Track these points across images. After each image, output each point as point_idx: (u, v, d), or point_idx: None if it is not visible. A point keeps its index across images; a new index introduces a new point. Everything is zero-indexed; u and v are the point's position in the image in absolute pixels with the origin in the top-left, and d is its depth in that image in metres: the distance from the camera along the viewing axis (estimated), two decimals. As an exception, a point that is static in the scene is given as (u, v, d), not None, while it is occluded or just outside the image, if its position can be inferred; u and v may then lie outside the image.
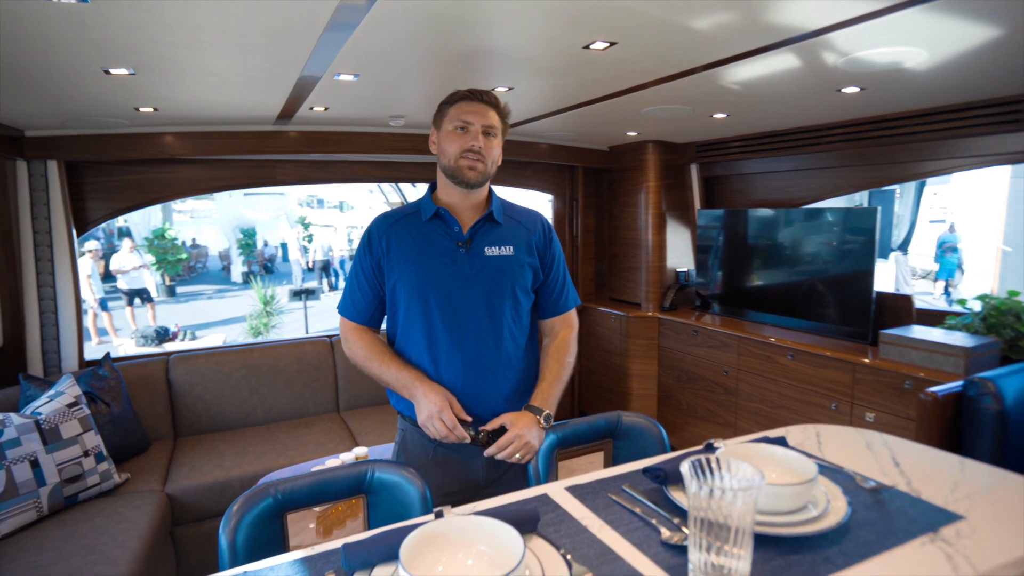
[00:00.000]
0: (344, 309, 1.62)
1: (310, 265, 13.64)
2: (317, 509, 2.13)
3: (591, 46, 1.84)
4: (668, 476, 1.04)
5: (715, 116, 2.98)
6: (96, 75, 1.90)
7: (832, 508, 0.95)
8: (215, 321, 9.44)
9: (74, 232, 2.89)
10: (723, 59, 1.99)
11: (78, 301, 2.90)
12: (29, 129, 2.72)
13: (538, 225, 1.66)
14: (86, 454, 2.28)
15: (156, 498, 2.35)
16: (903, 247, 10.47)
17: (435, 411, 1.44)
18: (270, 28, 1.59)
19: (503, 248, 1.57)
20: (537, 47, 1.87)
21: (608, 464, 1.72)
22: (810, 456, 1.19)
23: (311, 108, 2.71)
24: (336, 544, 0.97)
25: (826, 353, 2.80)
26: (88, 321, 8.30)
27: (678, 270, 4.04)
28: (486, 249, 1.55)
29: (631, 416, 1.70)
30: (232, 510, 1.23)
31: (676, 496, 1.01)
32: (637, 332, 3.93)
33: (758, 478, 0.78)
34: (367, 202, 18.27)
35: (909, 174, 3.06)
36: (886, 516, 0.98)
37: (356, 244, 1.65)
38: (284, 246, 16.28)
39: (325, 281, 13.05)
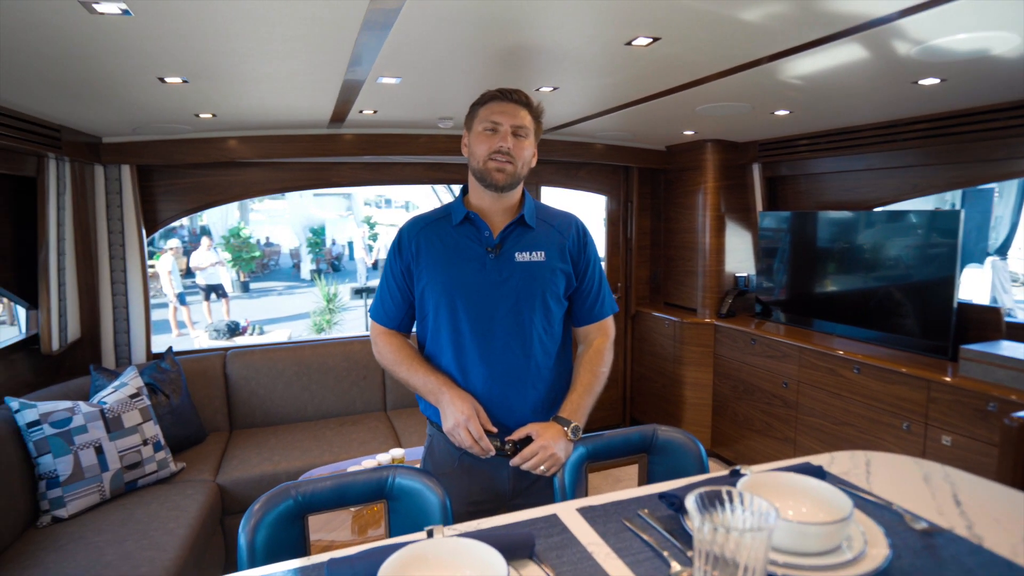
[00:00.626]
0: (375, 313, 1.62)
1: (374, 264, 14.04)
2: (352, 509, 2.15)
3: (633, 42, 1.76)
4: (684, 504, 0.95)
5: (776, 113, 2.80)
6: (153, 83, 2.00)
7: (869, 553, 0.84)
8: (283, 317, 9.89)
9: (143, 232, 3.07)
10: (778, 53, 1.86)
11: (146, 297, 3.08)
12: (106, 136, 2.91)
13: (572, 228, 1.60)
14: (145, 443, 2.42)
15: (207, 488, 2.46)
16: (1002, 251, 9.56)
17: (462, 419, 1.42)
18: (306, 33, 1.61)
19: (534, 253, 1.53)
20: (578, 45, 1.81)
21: (643, 480, 1.64)
22: (854, 489, 1.08)
23: (361, 111, 2.76)
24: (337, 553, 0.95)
25: (897, 368, 2.57)
26: (169, 314, 8.90)
27: (737, 275, 3.85)
28: (516, 255, 1.51)
29: (667, 431, 1.61)
30: (253, 509, 1.24)
31: (692, 527, 0.93)
32: (692, 339, 3.77)
33: (771, 517, 0.70)
34: (432, 202, 18.63)
35: (1004, 172, 2.76)
36: (936, 565, 0.86)
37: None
38: (351, 245, 16.84)
39: (388, 279, 13.32)
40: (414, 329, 1.65)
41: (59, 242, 2.67)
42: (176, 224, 16.98)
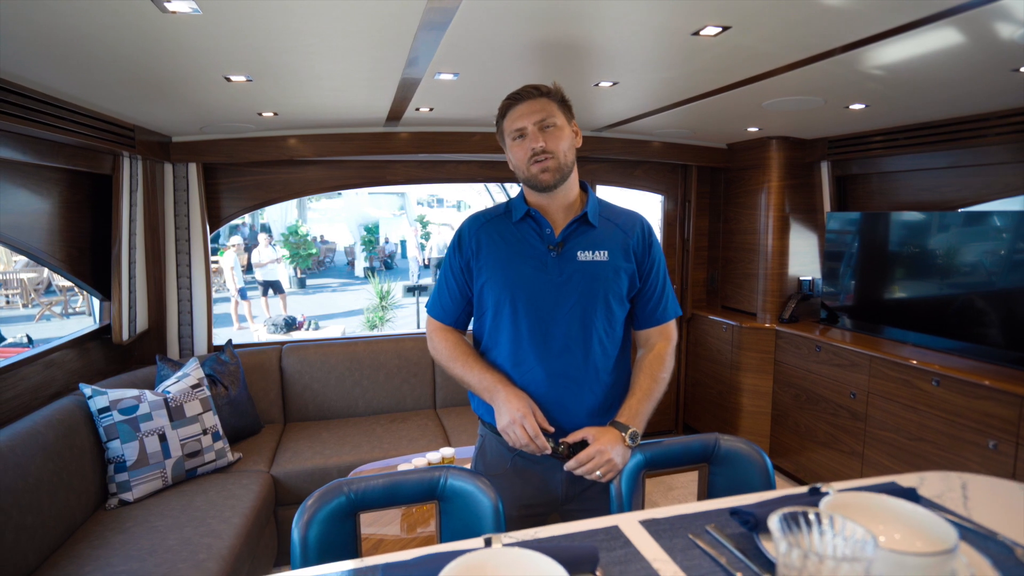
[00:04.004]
0: (432, 308, 1.61)
1: (426, 262, 14.24)
2: (403, 508, 2.15)
3: (701, 32, 1.68)
4: (760, 523, 0.88)
5: (852, 107, 2.63)
6: (219, 82, 2.05)
7: (978, 590, 0.75)
8: (337, 313, 10.14)
9: (207, 228, 3.18)
10: (860, 40, 1.73)
11: (209, 291, 3.19)
12: (176, 135, 3.03)
13: (637, 227, 1.53)
14: (204, 432, 2.49)
15: (261, 479, 2.51)
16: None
17: (518, 416, 1.38)
18: (366, 30, 1.61)
19: (597, 253, 1.47)
20: (641, 36, 1.74)
21: (703, 491, 1.55)
22: (950, 515, 0.97)
23: (417, 109, 2.76)
24: (388, 557, 0.92)
25: (984, 382, 2.37)
26: (231, 308, 9.26)
27: (801, 278, 3.66)
28: (579, 254, 1.46)
29: (730, 440, 1.52)
30: (306, 505, 1.24)
31: (768, 548, 0.85)
32: (751, 344, 3.61)
33: (870, 545, 0.62)
34: (484, 202, 18.71)
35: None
36: (1058, 608, 0.76)
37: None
38: (404, 243, 17.13)
39: (439, 277, 13.50)
40: (470, 327, 1.62)
41: (130, 237, 2.78)
42: (239, 221, 17.71)
